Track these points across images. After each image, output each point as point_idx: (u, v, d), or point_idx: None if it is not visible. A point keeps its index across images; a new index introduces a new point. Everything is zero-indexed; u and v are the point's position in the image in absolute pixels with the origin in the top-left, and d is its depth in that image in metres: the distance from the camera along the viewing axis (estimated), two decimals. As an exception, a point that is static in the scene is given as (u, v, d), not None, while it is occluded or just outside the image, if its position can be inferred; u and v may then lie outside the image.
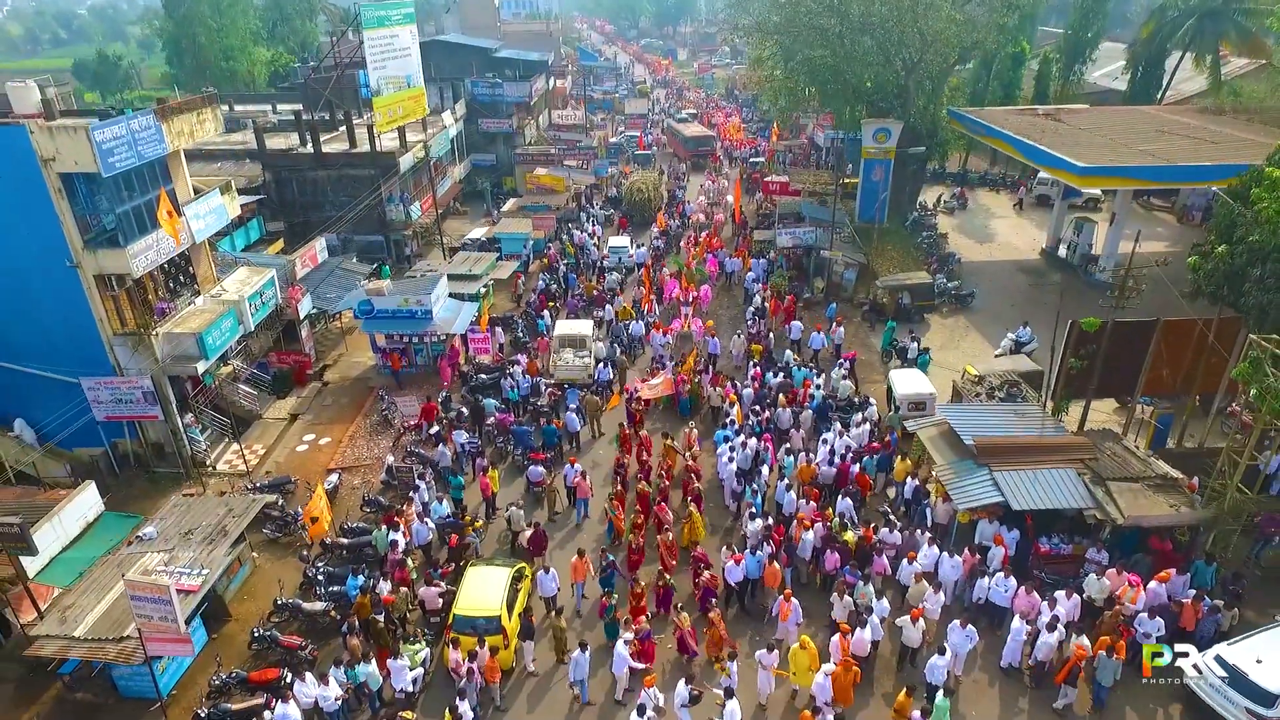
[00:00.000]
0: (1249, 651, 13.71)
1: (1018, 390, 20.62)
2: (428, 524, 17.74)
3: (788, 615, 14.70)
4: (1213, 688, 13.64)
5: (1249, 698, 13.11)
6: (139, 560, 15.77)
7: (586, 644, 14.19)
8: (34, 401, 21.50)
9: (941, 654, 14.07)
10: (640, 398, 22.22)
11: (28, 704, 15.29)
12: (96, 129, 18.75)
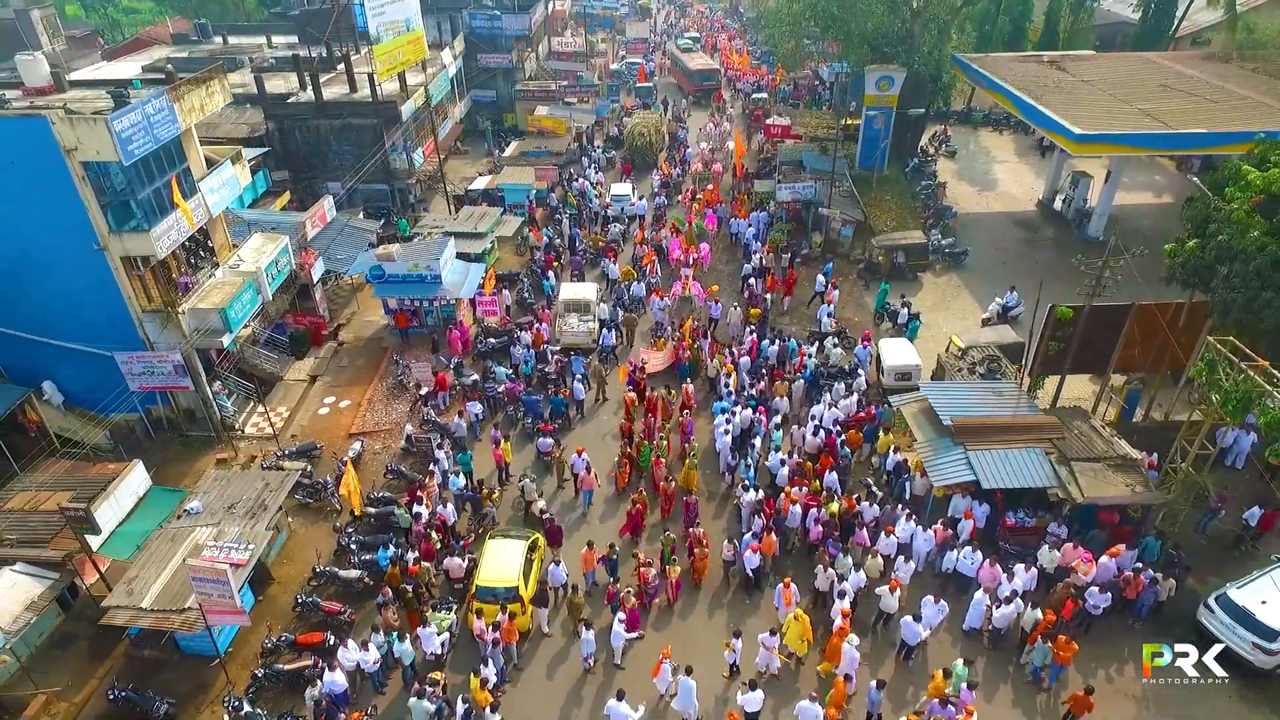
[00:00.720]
0: (1255, 594, 15.76)
1: (998, 366, 21.87)
2: (449, 505, 19.31)
3: (790, 601, 16.42)
4: (1224, 625, 15.66)
5: (1255, 634, 15.26)
6: (189, 534, 17.46)
7: (591, 624, 16.04)
8: (72, 372, 22.82)
9: (917, 620, 15.93)
10: (644, 369, 23.52)
11: (100, 659, 17.28)
12: (115, 119, 19.32)
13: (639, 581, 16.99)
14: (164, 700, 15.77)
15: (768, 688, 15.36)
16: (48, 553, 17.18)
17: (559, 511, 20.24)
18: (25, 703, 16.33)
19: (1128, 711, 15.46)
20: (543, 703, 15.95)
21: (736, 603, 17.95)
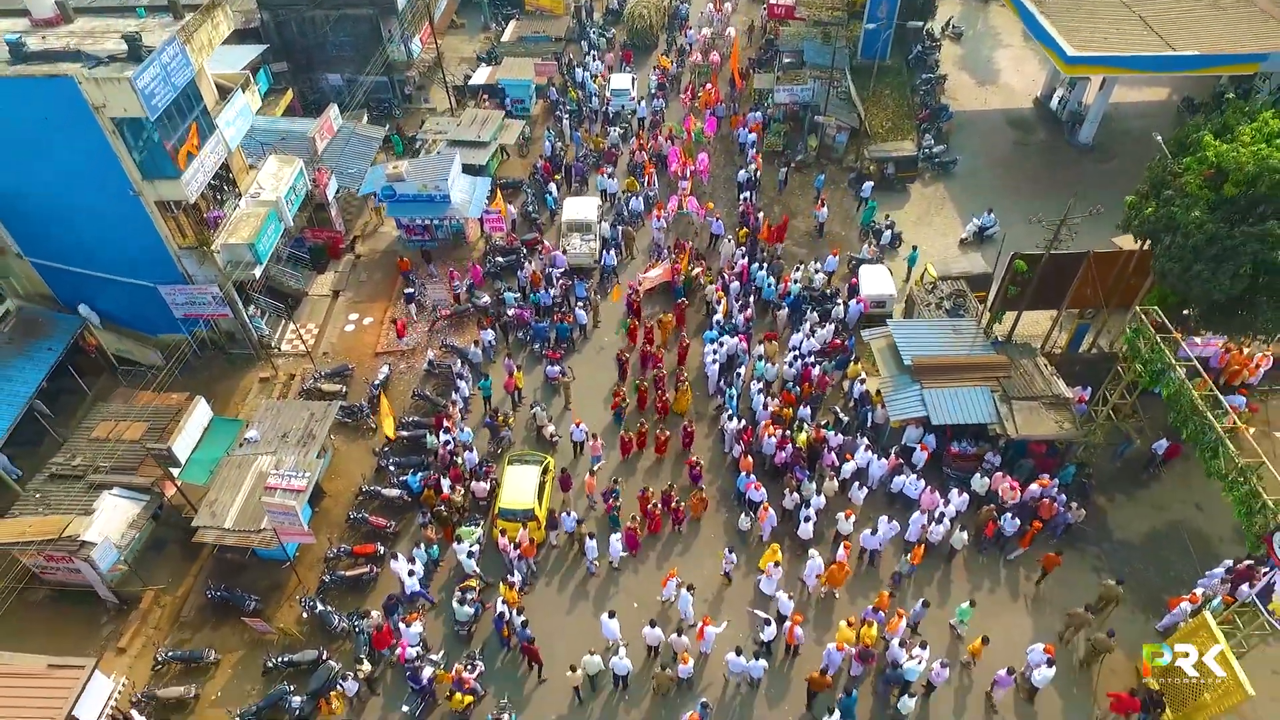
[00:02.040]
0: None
1: (963, 302, 24.03)
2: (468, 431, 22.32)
3: (765, 519, 19.67)
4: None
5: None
6: (253, 462, 20.60)
7: (594, 534, 19.48)
8: (121, 301, 25.08)
9: (873, 534, 19.39)
10: (640, 289, 25.73)
11: (190, 560, 20.98)
12: (137, 77, 20.34)
13: (640, 510, 20.23)
14: (250, 597, 19.55)
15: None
16: (137, 479, 20.36)
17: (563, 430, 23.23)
18: (139, 597, 20.19)
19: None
20: (559, 601, 19.72)
21: (730, 523, 21.20)
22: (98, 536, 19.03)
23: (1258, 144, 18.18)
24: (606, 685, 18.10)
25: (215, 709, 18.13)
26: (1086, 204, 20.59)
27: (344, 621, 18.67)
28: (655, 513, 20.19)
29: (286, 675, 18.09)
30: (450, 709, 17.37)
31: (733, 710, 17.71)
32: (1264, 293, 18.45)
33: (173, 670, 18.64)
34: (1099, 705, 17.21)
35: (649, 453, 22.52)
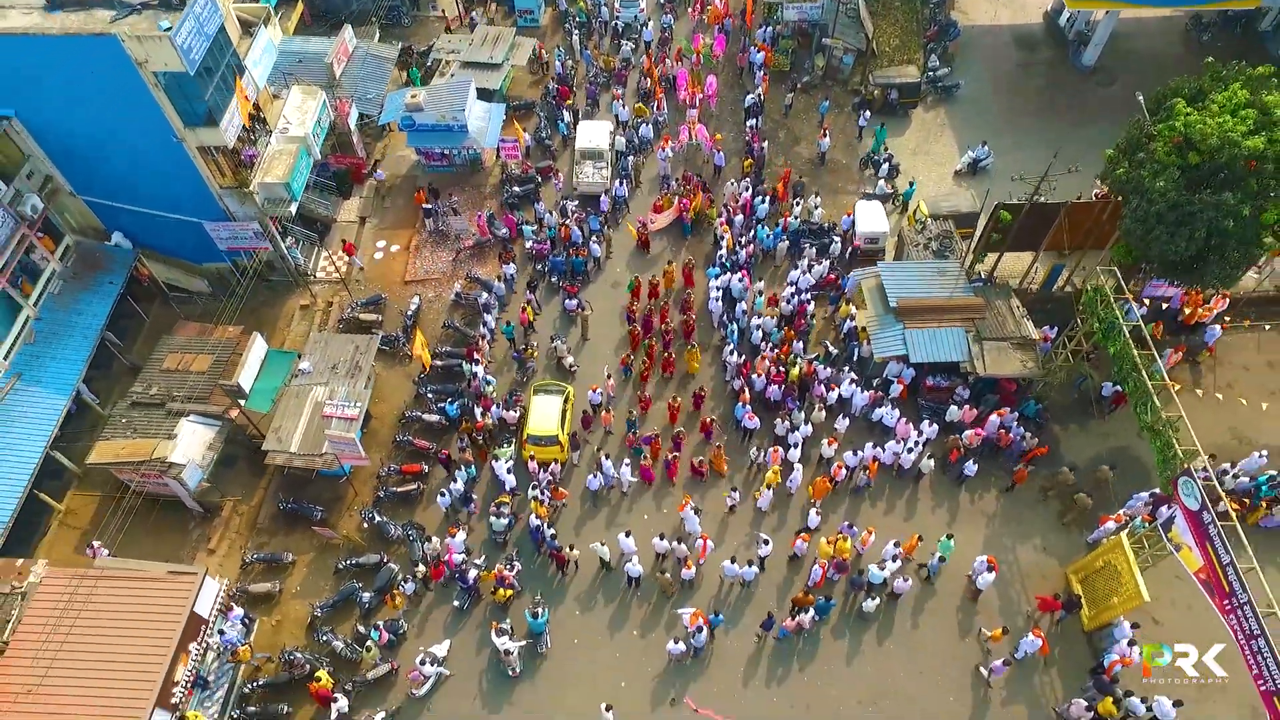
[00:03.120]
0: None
1: (949, 243, 25.94)
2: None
3: (776, 459, 22.49)
4: None
5: None
6: (309, 392, 23.36)
7: (609, 455, 22.58)
8: (171, 234, 26.99)
9: (855, 454, 22.43)
10: (651, 227, 27.61)
11: (259, 475, 24.18)
12: (177, 34, 21.50)
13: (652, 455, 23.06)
14: (317, 508, 22.86)
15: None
16: (210, 407, 23.20)
17: (581, 360, 25.86)
18: (219, 506, 23.55)
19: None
20: (578, 516, 23.04)
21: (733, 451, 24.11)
22: (183, 458, 22.10)
23: (1224, 116, 19.62)
24: (620, 582, 21.69)
25: (295, 601, 21.80)
26: (1066, 161, 22.06)
27: (399, 530, 22.03)
28: (675, 461, 22.95)
29: (354, 575, 21.63)
30: (494, 601, 20.99)
31: (729, 604, 21.32)
32: (1215, 253, 20.45)
33: (257, 569, 22.19)
34: (1029, 604, 20.76)
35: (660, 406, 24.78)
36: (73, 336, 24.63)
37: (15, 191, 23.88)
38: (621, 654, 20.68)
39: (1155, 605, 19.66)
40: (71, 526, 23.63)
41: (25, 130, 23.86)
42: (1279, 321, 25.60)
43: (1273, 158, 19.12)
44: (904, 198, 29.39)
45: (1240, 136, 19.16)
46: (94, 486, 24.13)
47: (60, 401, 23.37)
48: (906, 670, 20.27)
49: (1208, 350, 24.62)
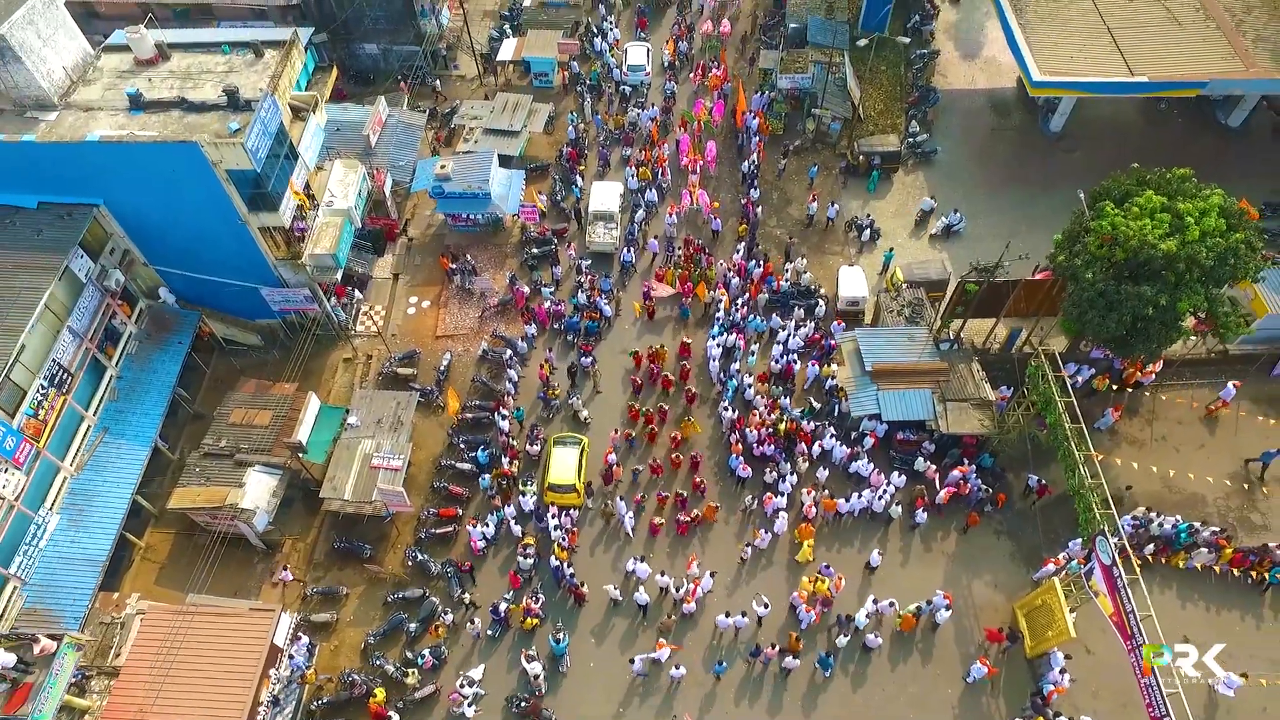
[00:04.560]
0: None
1: (920, 310, 29.30)
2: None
3: (770, 504, 25.91)
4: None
5: None
6: (358, 445, 26.83)
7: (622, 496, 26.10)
8: (229, 296, 30.34)
9: (845, 501, 25.85)
10: (654, 294, 31.00)
11: (313, 514, 27.68)
12: (247, 140, 24.93)
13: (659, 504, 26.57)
14: (366, 546, 26.36)
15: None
16: (273, 458, 26.66)
17: (594, 412, 29.29)
18: (280, 543, 27.06)
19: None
20: (596, 556, 26.52)
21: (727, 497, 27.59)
22: (252, 504, 25.59)
23: (1144, 219, 22.97)
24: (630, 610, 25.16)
25: (350, 628, 25.32)
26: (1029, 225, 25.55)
27: (438, 568, 25.54)
28: (683, 525, 26.19)
29: (401, 606, 25.13)
30: (522, 629, 24.50)
31: (722, 648, 24.68)
32: (1140, 334, 23.83)
33: (315, 601, 25.70)
34: (980, 635, 24.22)
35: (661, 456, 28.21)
36: (149, 392, 28.08)
37: (102, 268, 27.33)
38: (631, 675, 24.15)
39: (1090, 636, 23.14)
40: (151, 561, 27.15)
41: (111, 215, 27.30)
42: (1211, 381, 28.88)
43: (1184, 258, 22.44)
44: (884, 261, 32.75)
45: (1157, 239, 22.51)
46: (169, 525, 27.63)
47: (142, 452, 26.84)
48: (880, 694, 23.72)
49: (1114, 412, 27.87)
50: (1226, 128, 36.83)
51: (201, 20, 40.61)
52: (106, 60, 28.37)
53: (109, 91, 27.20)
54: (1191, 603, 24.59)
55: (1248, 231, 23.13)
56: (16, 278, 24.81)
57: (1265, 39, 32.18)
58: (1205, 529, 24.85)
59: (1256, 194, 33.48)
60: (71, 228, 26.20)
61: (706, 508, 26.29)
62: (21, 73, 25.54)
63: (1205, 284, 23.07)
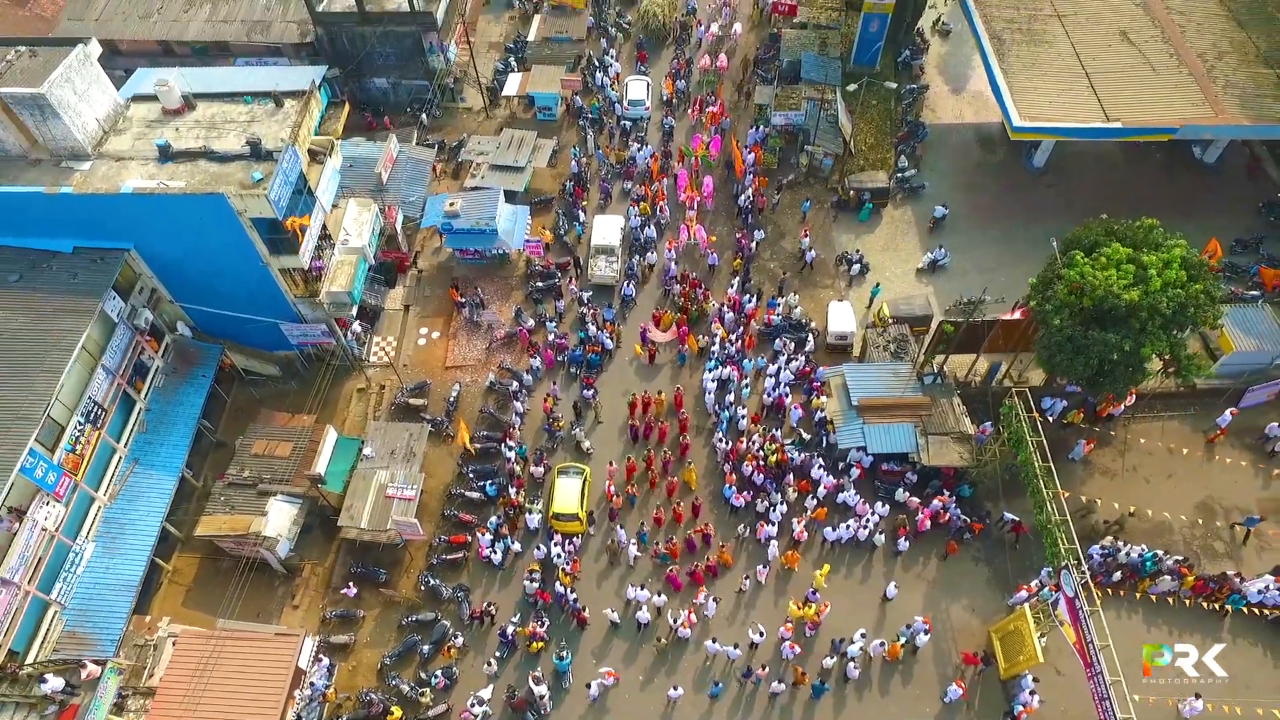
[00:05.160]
0: None
1: (905, 346, 30.92)
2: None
3: (762, 532, 27.55)
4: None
5: None
6: (374, 476, 28.49)
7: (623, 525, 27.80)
8: (249, 330, 31.97)
9: (833, 530, 27.49)
10: (650, 339, 32.62)
11: (330, 540, 29.34)
12: (270, 191, 26.60)
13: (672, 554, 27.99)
14: (381, 570, 28.03)
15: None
16: (293, 488, 28.33)
17: (595, 441, 30.93)
18: (300, 567, 28.74)
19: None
20: (594, 580, 28.17)
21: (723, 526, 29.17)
22: (274, 532, 27.27)
23: (1110, 269, 24.58)
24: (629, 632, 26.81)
25: (367, 649, 26.99)
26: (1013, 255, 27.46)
27: (449, 592, 27.20)
28: (699, 573, 27.44)
29: (414, 629, 26.80)
30: (528, 651, 26.16)
31: (713, 674, 26.27)
32: (1107, 376, 25.45)
33: (332, 623, 27.37)
34: (958, 657, 25.84)
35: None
36: (175, 424, 29.76)
37: (132, 307, 29.02)
38: (629, 694, 25.81)
39: (1060, 659, 24.77)
40: (178, 584, 28.83)
41: (141, 258, 28.98)
42: (1181, 414, 30.49)
43: (1146, 307, 24.05)
44: (871, 295, 34.39)
45: (1121, 289, 24.12)
46: (194, 549, 29.30)
47: (170, 481, 28.51)
48: (862, 714, 25.36)
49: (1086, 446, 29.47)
50: (1202, 164, 38.39)
51: (219, 57, 42.39)
52: (136, 109, 30.02)
53: (139, 141, 28.86)
54: (1156, 627, 26.17)
55: (1207, 282, 24.72)
56: (56, 320, 26.47)
57: (1234, 85, 33.68)
58: (1169, 558, 26.43)
59: (1229, 230, 35.39)
60: (105, 271, 27.86)
61: (721, 553, 27.72)
62: (59, 127, 27.20)
63: (1167, 330, 24.66)
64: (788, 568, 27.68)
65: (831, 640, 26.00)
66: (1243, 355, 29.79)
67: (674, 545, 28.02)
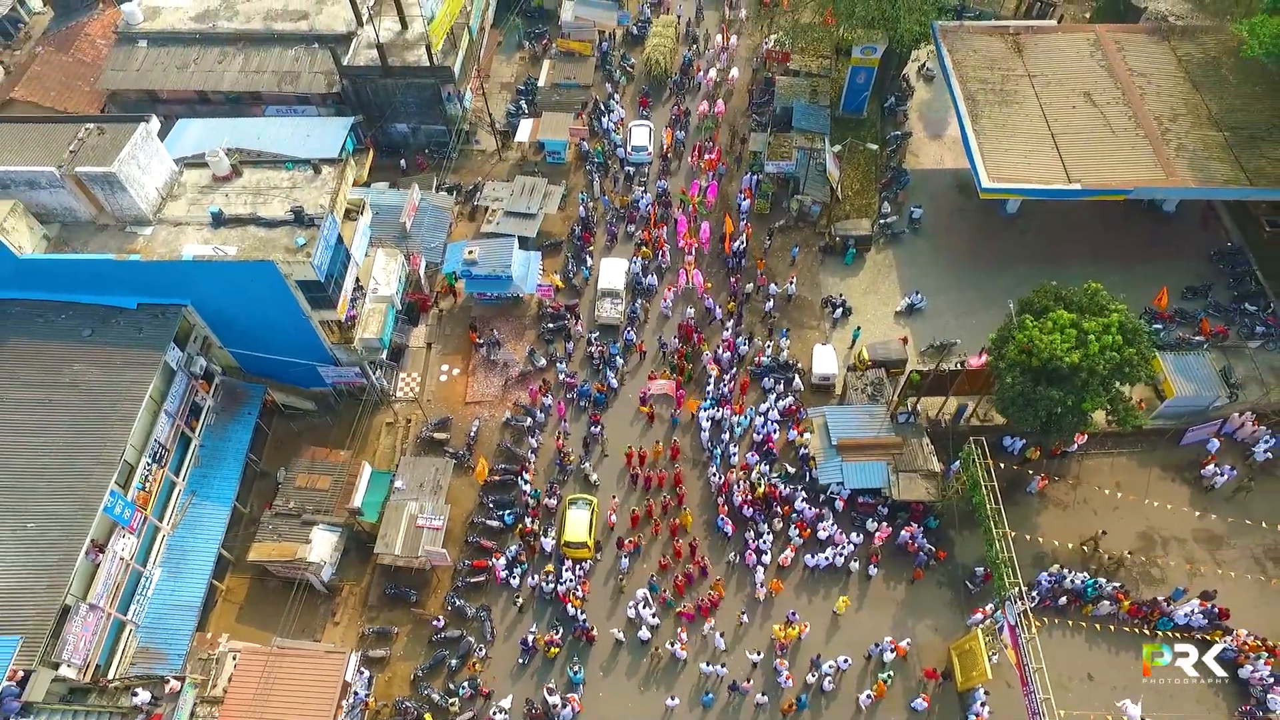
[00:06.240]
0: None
1: (880, 390, 34.35)
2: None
3: (750, 560, 31.10)
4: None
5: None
6: (405, 507, 32.01)
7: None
8: (289, 370, 35.46)
9: (812, 557, 31.04)
10: (648, 391, 35.99)
11: (365, 562, 32.92)
12: (316, 260, 30.02)
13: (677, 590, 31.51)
14: (412, 591, 31.64)
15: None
16: (334, 518, 31.89)
17: (602, 474, 34.47)
18: (340, 587, 32.34)
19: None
20: (601, 600, 31.77)
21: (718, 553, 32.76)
22: (318, 558, 30.85)
23: (1055, 334, 27.94)
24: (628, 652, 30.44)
25: (401, 662, 30.63)
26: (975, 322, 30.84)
27: (473, 611, 30.80)
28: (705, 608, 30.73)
29: (443, 644, 30.42)
30: (546, 657, 29.81)
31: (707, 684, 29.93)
32: (1055, 425, 28.90)
33: (370, 639, 30.98)
34: (920, 672, 29.41)
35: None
36: (226, 459, 33.30)
37: (189, 356, 32.50)
38: (633, 703, 29.45)
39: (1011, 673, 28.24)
40: (231, 602, 32.43)
41: (196, 312, 32.42)
42: (1130, 451, 33.94)
43: (1086, 368, 27.43)
44: (853, 337, 37.79)
45: (1064, 352, 27.50)
46: (244, 571, 32.89)
47: (224, 511, 32.09)
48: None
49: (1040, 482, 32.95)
50: (1162, 212, 41.64)
51: (252, 104, 45.66)
52: (188, 175, 33.38)
53: (192, 207, 32.24)
54: (1095, 645, 29.73)
55: (1141, 345, 28.08)
56: (125, 372, 29.96)
57: (1185, 148, 36.88)
58: (1108, 585, 29.94)
59: (1183, 276, 38.77)
60: (165, 325, 31.32)
61: (716, 584, 31.15)
62: (125, 198, 30.59)
63: (1106, 387, 28.07)
64: (773, 593, 31.18)
65: (811, 659, 29.56)
66: (1183, 399, 33.18)
67: (679, 582, 31.41)
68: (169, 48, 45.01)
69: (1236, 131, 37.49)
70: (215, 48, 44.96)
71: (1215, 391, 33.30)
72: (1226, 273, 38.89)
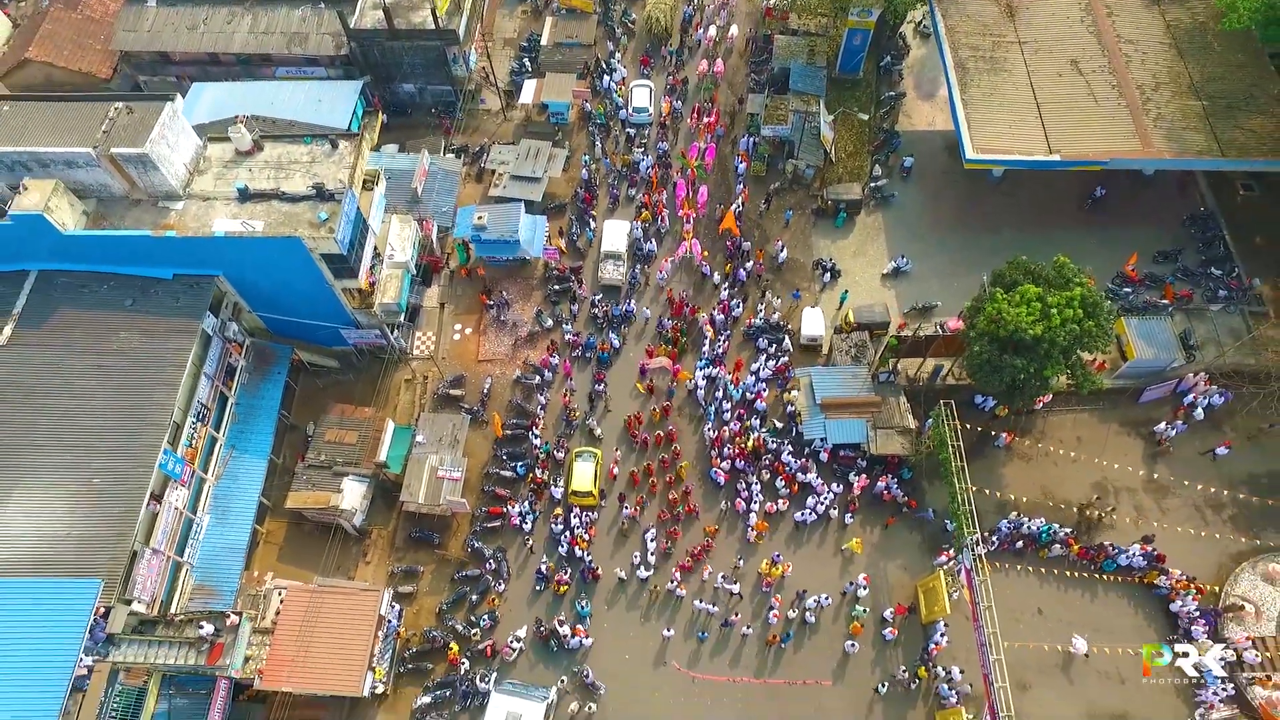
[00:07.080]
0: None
1: (864, 351, 37.01)
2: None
3: (740, 507, 34.43)
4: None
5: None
6: (426, 460, 35.17)
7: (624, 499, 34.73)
8: (314, 332, 38.11)
9: (800, 514, 34.39)
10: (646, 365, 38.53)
11: (392, 507, 36.31)
12: (339, 235, 32.31)
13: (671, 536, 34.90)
14: (435, 534, 35.14)
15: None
16: (362, 470, 35.09)
17: (605, 428, 37.54)
18: (369, 530, 35.83)
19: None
20: (605, 542, 35.27)
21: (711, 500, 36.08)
22: (349, 506, 34.20)
23: (1021, 306, 30.41)
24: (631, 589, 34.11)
25: (427, 597, 34.34)
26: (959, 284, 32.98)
27: (490, 552, 34.34)
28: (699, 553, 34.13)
29: (464, 582, 34.06)
30: (556, 593, 33.50)
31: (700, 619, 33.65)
32: (1018, 390, 31.71)
33: (399, 577, 34.61)
34: (891, 607, 33.07)
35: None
36: (260, 415, 36.31)
37: (222, 322, 35.12)
38: (634, 634, 33.24)
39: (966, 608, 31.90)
40: (271, 544, 35.97)
41: (228, 281, 34.85)
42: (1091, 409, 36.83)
43: (1048, 340, 30.01)
44: (840, 300, 40.21)
45: (1028, 324, 30.03)
46: (281, 515, 36.31)
47: (262, 463, 35.30)
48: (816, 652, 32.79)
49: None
50: (1142, 176, 43.33)
51: (262, 66, 46.85)
52: (213, 149, 35.25)
53: (219, 182, 34.26)
54: (1048, 584, 33.31)
55: (1100, 317, 30.55)
56: (167, 340, 32.62)
57: (1164, 118, 38.42)
58: (1060, 530, 33.29)
59: (1156, 240, 40.89)
60: (200, 295, 33.80)
61: (708, 528, 34.47)
62: (157, 176, 32.63)
63: (1066, 356, 30.73)
64: (760, 532, 34.62)
65: (796, 592, 33.20)
66: (1143, 362, 35.86)
67: (676, 530, 34.79)
68: (178, 7, 45.95)
69: (1215, 100, 38.91)
70: (224, 7, 45.90)
71: (1174, 355, 35.92)
72: (1197, 237, 40.91)
